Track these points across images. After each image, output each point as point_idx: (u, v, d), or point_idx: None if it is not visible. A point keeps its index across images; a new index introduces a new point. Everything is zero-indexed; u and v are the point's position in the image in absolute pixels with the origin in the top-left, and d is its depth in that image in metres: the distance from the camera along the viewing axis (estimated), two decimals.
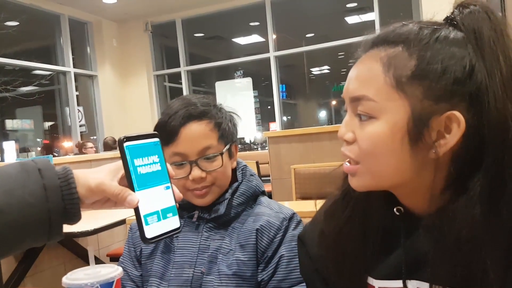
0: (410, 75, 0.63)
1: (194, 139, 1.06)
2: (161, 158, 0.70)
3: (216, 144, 1.08)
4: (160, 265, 1.09)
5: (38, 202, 0.61)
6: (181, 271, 1.06)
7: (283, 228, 1.06)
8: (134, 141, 0.67)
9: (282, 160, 3.41)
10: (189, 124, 1.07)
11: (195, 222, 1.10)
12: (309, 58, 10.12)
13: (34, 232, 0.62)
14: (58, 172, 0.64)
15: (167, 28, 8.61)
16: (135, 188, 0.66)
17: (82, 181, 0.65)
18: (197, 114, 1.08)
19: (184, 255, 1.07)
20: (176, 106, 1.09)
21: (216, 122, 1.09)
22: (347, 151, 0.69)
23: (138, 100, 8.39)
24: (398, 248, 0.71)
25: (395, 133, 0.64)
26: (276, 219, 1.07)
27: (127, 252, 1.17)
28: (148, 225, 0.66)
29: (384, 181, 0.68)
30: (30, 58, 7.15)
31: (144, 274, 1.12)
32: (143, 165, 0.67)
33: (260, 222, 1.06)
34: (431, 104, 0.62)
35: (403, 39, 0.65)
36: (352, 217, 0.75)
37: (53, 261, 3.07)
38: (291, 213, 1.10)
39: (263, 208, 1.11)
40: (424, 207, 0.69)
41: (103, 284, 0.66)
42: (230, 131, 1.12)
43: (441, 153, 0.63)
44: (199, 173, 1.06)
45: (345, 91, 0.71)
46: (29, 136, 8.68)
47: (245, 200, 1.11)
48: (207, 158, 1.07)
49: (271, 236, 1.05)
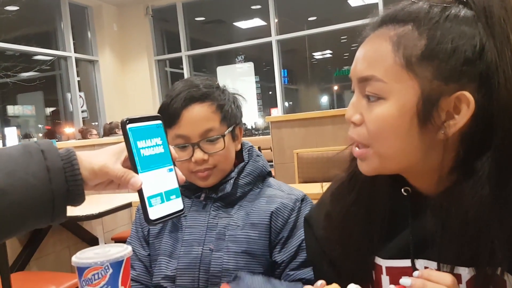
0: (420, 55, 0.62)
1: (196, 121, 1.07)
2: (164, 140, 0.70)
3: (219, 126, 1.08)
4: (168, 244, 1.10)
5: (41, 183, 0.61)
6: (190, 249, 1.07)
7: (296, 209, 1.08)
8: (137, 123, 0.67)
9: (285, 145, 3.41)
10: (191, 106, 1.07)
11: (203, 202, 1.12)
12: (311, 43, 10.02)
13: (38, 213, 0.62)
14: (61, 153, 0.64)
15: (168, 12, 8.53)
16: (138, 170, 0.66)
17: (85, 163, 0.65)
18: (199, 96, 1.08)
19: (193, 233, 1.08)
20: (179, 88, 1.10)
21: (219, 104, 1.09)
22: (355, 135, 0.69)
23: (139, 85, 8.35)
24: (405, 228, 0.71)
25: (404, 114, 0.63)
26: (288, 200, 1.08)
27: (134, 232, 1.18)
28: (151, 207, 0.66)
29: (393, 164, 0.68)
30: (30, 43, 7.11)
31: (152, 253, 1.14)
32: (146, 147, 0.67)
33: (275, 204, 1.08)
34: (441, 84, 0.62)
35: (413, 18, 0.64)
36: (358, 199, 0.76)
37: (57, 245, 3.09)
38: (303, 195, 1.12)
39: (275, 191, 1.12)
40: (431, 187, 0.69)
41: (113, 263, 0.67)
42: (233, 113, 1.12)
43: (450, 134, 0.63)
44: (201, 155, 1.06)
45: (352, 71, 0.70)
46: (31, 122, 8.67)
47: (252, 180, 1.12)
48: (209, 140, 1.07)
49: (285, 217, 1.06)
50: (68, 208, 0.67)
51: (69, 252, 3.10)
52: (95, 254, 0.69)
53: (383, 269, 0.74)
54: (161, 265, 1.09)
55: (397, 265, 0.72)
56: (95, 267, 0.66)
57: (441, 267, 0.65)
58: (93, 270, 0.66)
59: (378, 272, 0.75)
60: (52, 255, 3.05)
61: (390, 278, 0.73)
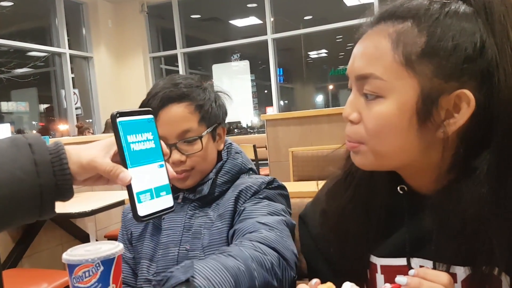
0: (420, 52, 0.61)
1: (173, 122, 1.04)
2: (155, 135, 0.69)
3: (197, 127, 1.06)
4: (149, 247, 1.09)
5: (28, 177, 0.60)
6: (167, 251, 1.05)
7: (261, 190, 1.04)
8: (127, 117, 0.65)
9: (280, 143, 3.41)
10: (168, 107, 1.04)
11: (180, 203, 1.10)
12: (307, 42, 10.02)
13: (25, 208, 0.61)
14: (50, 147, 0.63)
15: (163, 9, 8.49)
16: (128, 165, 0.65)
17: (74, 158, 0.64)
18: (177, 96, 1.05)
19: (169, 235, 1.07)
20: (159, 86, 1.08)
21: (197, 104, 1.07)
22: (352, 134, 0.68)
23: (134, 82, 8.31)
24: (401, 227, 0.71)
25: (404, 112, 0.62)
26: (254, 184, 1.05)
27: (121, 235, 1.18)
28: (140, 203, 0.65)
29: (390, 161, 0.67)
30: (24, 39, 7.05)
31: (136, 256, 1.13)
32: (137, 141, 0.66)
33: (239, 188, 1.04)
34: (441, 82, 0.61)
35: (413, 14, 0.63)
36: (355, 196, 0.75)
37: (50, 242, 3.07)
38: (271, 178, 1.08)
39: (244, 180, 1.09)
40: (428, 186, 0.68)
41: (104, 260, 0.66)
42: (213, 113, 1.09)
43: (449, 132, 0.62)
44: (178, 156, 1.04)
45: (349, 69, 0.68)
46: (25, 119, 8.61)
47: (231, 178, 1.09)
48: (186, 141, 1.05)
49: (247, 198, 1.03)
50: (61, 205, 0.66)
51: (62, 249, 3.07)
52: (86, 251, 0.68)
53: (378, 267, 0.73)
54: (143, 268, 1.08)
55: (392, 264, 0.71)
56: (86, 265, 0.65)
57: (437, 266, 0.65)
58: (84, 268, 0.65)
59: (372, 270, 0.74)
60: (45, 252, 3.03)
61: (385, 276, 0.72)
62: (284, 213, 1.00)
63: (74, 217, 2.71)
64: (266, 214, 0.96)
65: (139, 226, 1.13)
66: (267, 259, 0.78)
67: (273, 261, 0.79)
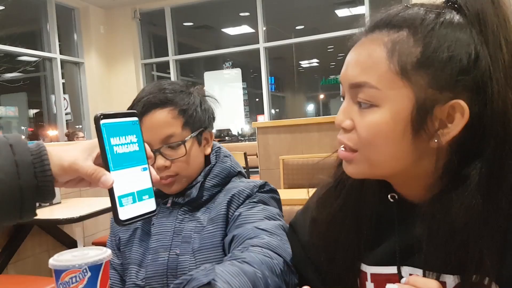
0: (416, 62, 0.61)
1: (156, 127, 1.04)
2: (140, 138, 0.68)
3: (180, 131, 1.05)
4: (138, 253, 1.08)
5: (9, 178, 0.59)
6: (157, 256, 1.04)
7: (253, 194, 1.04)
8: (111, 119, 0.65)
9: (271, 151, 3.41)
10: (152, 112, 1.04)
11: (170, 208, 1.09)
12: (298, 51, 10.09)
13: (5, 209, 0.60)
14: (31, 148, 0.62)
15: (156, 16, 8.49)
16: (110, 168, 0.64)
17: (55, 159, 0.63)
18: (159, 101, 1.05)
19: (159, 240, 1.06)
20: (145, 92, 1.07)
21: (181, 109, 1.06)
22: (345, 139, 0.67)
23: (125, 89, 8.27)
24: (391, 235, 0.71)
25: (398, 122, 0.62)
26: (246, 188, 1.05)
27: (109, 241, 1.17)
28: (122, 207, 0.64)
29: (382, 170, 0.67)
30: (15, 43, 7.00)
31: (124, 262, 1.11)
32: (120, 144, 0.65)
33: (231, 192, 1.04)
34: (435, 92, 0.61)
35: (408, 24, 0.63)
36: (345, 205, 0.75)
37: (36, 248, 3.02)
38: (263, 182, 1.08)
39: (235, 184, 1.09)
40: (419, 194, 0.68)
41: (92, 266, 0.65)
42: (197, 117, 1.09)
43: (443, 142, 0.62)
44: (162, 162, 1.04)
45: (343, 76, 0.68)
46: (13, 124, 8.52)
47: (220, 182, 1.09)
48: (170, 146, 1.05)
49: (241, 202, 1.03)
50: (48, 211, 0.65)
51: (49, 255, 3.02)
52: (73, 256, 0.67)
53: (368, 275, 0.73)
54: (131, 274, 1.07)
55: (382, 272, 0.71)
56: (73, 270, 0.64)
57: (427, 275, 0.65)
58: (70, 273, 0.64)
59: (362, 279, 0.74)
60: (31, 258, 2.98)
61: (375, 285, 0.72)
62: (279, 217, 1.00)
63: (62, 223, 2.67)
64: (263, 218, 0.96)
65: (127, 232, 1.12)
66: (276, 265, 0.78)
67: (280, 266, 0.79)
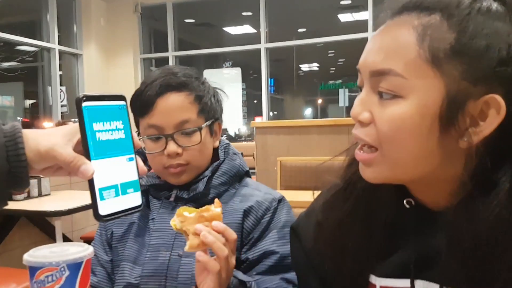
0: (449, 49, 0.55)
1: (171, 111, 0.98)
2: (127, 124, 0.62)
3: (196, 118, 1.01)
4: (133, 249, 1.01)
5: None
6: (157, 254, 0.98)
7: (272, 209, 1.00)
8: (95, 102, 0.58)
9: (268, 152, 3.35)
10: (167, 95, 0.99)
11: (173, 203, 1.03)
12: (299, 54, 10.07)
13: None
14: (5, 129, 0.56)
15: (157, 11, 8.44)
16: (91, 156, 0.57)
17: (31, 143, 0.56)
18: (176, 84, 1.00)
19: (161, 237, 0.99)
20: (155, 75, 1.02)
21: (197, 95, 1.02)
22: (362, 135, 0.60)
23: (122, 83, 8.20)
24: (406, 244, 0.64)
25: (425, 116, 0.56)
26: (264, 199, 1.01)
27: (98, 235, 1.09)
28: (103, 200, 0.58)
29: (404, 173, 0.60)
30: (14, 32, 6.92)
31: (115, 258, 1.04)
32: (104, 130, 0.58)
33: (249, 202, 1.00)
34: (469, 85, 0.55)
35: (442, 7, 0.57)
36: (355, 209, 0.68)
37: (24, 240, 2.95)
38: (281, 196, 1.04)
39: (251, 190, 1.05)
40: (440, 200, 0.61)
41: (70, 264, 0.58)
42: (212, 107, 1.05)
43: (474, 141, 0.55)
44: (175, 148, 0.98)
45: (362, 63, 0.61)
46: (9, 113, 8.44)
47: (228, 180, 1.04)
48: (184, 132, 0.99)
49: (259, 216, 0.99)
50: (37, 202, 0.58)
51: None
52: (51, 252, 0.60)
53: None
54: (124, 271, 0.99)
55: (394, 285, 0.64)
56: (49, 268, 0.57)
57: None
58: (46, 271, 0.57)
59: None
60: (17, 250, 2.91)
61: None
62: None
63: (50, 216, 2.60)
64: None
65: (122, 226, 1.05)
66: None
67: None
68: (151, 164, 1.05)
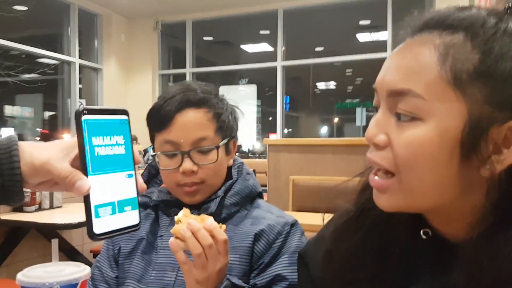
0: (473, 71, 0.52)
1: (189, 127, 0.96)
2: (128, 139, 0.60)
3: (213, 136, 0.98)
4: (139, 267, 0.98)
5: None
6: (163, 273, 0.95)
7: (284, 233, 0.96)
8: (96, 115, 0.56)
9: (281, 170, 3.30)
10: (185, 111, 0.97)
11: None
12: (316, 72, 10.07)
13: None
14: (0, 141, 0.54)
15: (177, 28, 8.57)
16: (88, 171, 0.55)
17: (27, 157, 0.55)
18: (196, 101, 0.98)
19: (168, 256, 0.96)
20: (174, 90, 1.00)
21: (216, 112, 1.00)
22: (378, 158, 0.57)
23: (141, 98, 8.29)
24: (421, 278, 0.59)
25: (445, 141, 0.52)
26: (276, 223, 0.97)
27: (105, 250, 1.06)
28: (98, 218, 0.55)
29: (421, 202, 0.56)
30: (36, 45, 7.07)
31: (121, 275, 1.01)
32: (103, 145, 0.56)
33: (260, 226, 0.96)
34: (493, 110, 0.51)
35: (466, 26, 0.53)
36: (368, 238, 0.64)
37: (32, 252, 2.94)
38: (293, 220, 1.00)
39: (262, 212, 1.01)
40: (458, 232, 0.57)
41: (65, 285, 0.55)
42: (229, 125, 1.03)
43: (497, 170, 0.52)
44: (191, 165, 0.96)
45: (380, 82, 0.58)
46: (28, 125, 8.58)
47: (240, 201, 1.01)
48: (201, 150, 0.97)
49: (270, 240, 0.95)
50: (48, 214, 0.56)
51: (43, 261, 2.90)
52: (45, 272, 0.58)
53: None
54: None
55: None
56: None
57: None
58: None
59: None
60: (25, 262, 2.89)
61: None
62: None
63: (60, 229, 2.59)
64: None
65: (131, 242, 1.02)
66: None
67: None
68: (164, 180, 1.03)
